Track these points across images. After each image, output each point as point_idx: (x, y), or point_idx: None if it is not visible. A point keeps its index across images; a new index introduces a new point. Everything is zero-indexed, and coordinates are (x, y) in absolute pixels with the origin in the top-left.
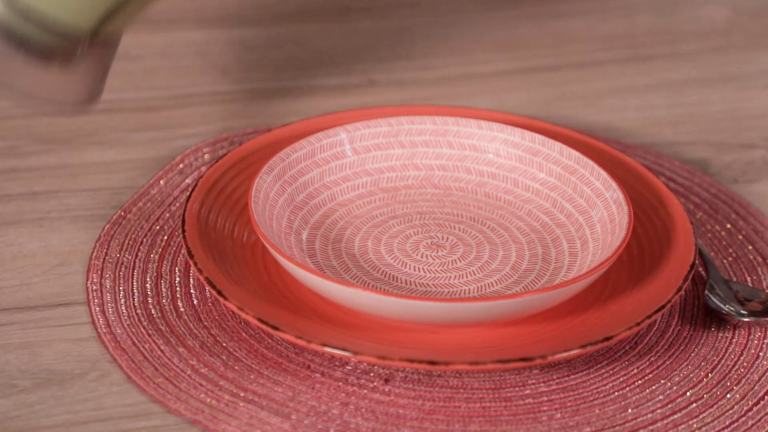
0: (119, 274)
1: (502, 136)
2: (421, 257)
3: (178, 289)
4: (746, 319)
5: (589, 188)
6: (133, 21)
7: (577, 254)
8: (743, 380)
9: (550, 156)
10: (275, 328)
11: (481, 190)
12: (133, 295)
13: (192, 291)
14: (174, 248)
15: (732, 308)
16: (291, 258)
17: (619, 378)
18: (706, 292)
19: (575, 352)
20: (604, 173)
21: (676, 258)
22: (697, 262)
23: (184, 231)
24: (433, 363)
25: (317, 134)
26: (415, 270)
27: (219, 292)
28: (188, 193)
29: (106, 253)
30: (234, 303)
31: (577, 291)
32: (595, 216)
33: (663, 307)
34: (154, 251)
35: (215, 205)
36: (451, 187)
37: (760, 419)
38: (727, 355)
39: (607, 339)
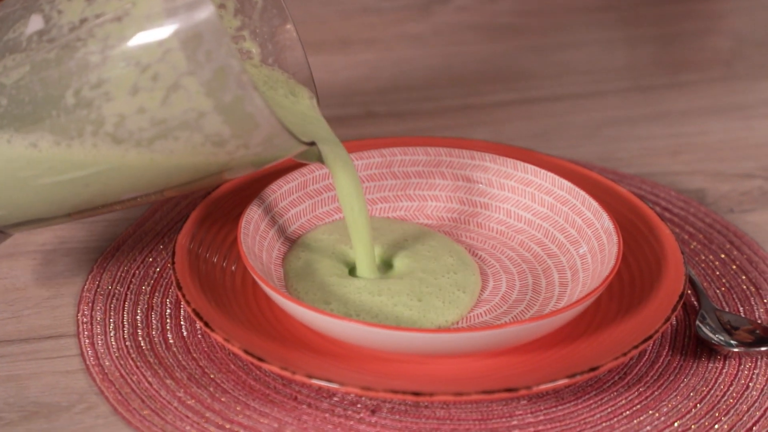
0: (110, 306)
1: (495, 166)
2: None
3: (168, 320)
4: (736, 350)
5: (580, 218)
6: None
7: (567, 284)
8: (732, 411)
9: (542, 186)
10: (261, 359)
11: (473, 221)
12: (124, 326)
13: (182, 323)
14: (166, 280)
15: (722, 339)
16: (277, 289)
17: (606, 409)
18: (697, 322)
19: (561, 382)
20: (595, 203)
21: (666, 288)
22: (689, 292)
23: (173, 263)
24: (417, 394)
25: (309, 166)
26: None
27: (206, 324)
28: (180, 225)
29: (98, 285)
30: (220, 334)
31: (564, 321)
32: (586, 246)
33: (650, 337)
34: (146, 283)
35: (207, 237)
36: (443, 217)
37: None
38: (716, 385)
39: (594, 369)
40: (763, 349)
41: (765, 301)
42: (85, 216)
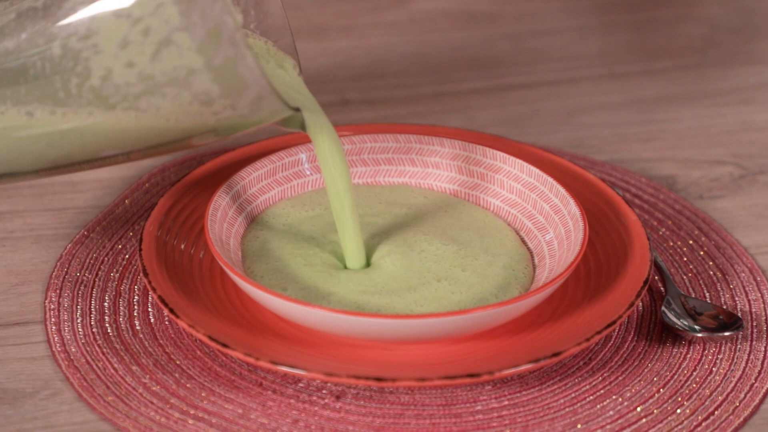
0: (78, 293)
1: (464, 153)
2: None
3: (136, 307)
4: (700, 335)
5: (547, 204)
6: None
7: (534, 270)
8: (695, 395)
9: (510, 173)
10: (225, 345)
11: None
12: (91, 313)
13: (150, 309)
14: (135, 267)
15: (686, 324)
16: (238, 273)
17: (570, 394)
18: (663, 307)
19: (523, 367)
20: (562, 189)
21: (632, 274)
22: (655, 277)
23: (140, 250)
24: (380, 379)
25: (278, 153)
26: None
27: (171, 310)
28: (150, 212)
29: (67, 272)
30: (185, 320)
31: (528, 308)
32: (553, 232)
33: (613, 323)
34: (114, 270)
35: (175, 224)
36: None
37: None
38: (680, 370)
39: (556, 355)
40: (726, 334)
41: (731, 286)
42: (52, 174)
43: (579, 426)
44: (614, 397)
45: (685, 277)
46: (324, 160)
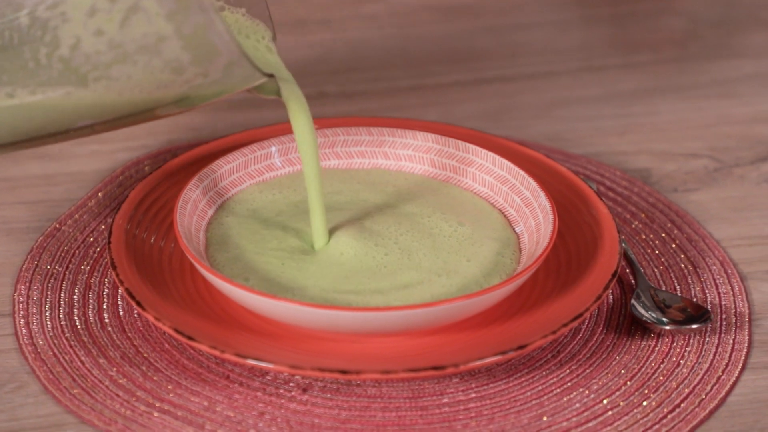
0: (48, 286)
1: (437, 146)
2: None
3: (105, 300)
4: (668, 328)
5: (519, 197)
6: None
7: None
8: (661, 388)
9: (483, 166)
10: (191, 338)
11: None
12: (60, 306)
13: (119, 302)
14: (105, 260)
15: (655, 317)
16: (203, 264)
17: (537, 386)
18: (632, 300)
19: (488, 360)
20: (533, 182)
21: (601, 267)
22: (627, 270)
23: (110, 243)
24: (344, 372)
25: (251, 146)
26: None
27: (138, 303)
28: (119, 205)
29: (37, 265)
30: (152, 313)
31: (494, 300)
32: (523, 224)
33: (580, 315)
34: (85, 263)
35: (146, 217)
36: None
37: (674, 426)
38: (648, 363)
39: (522, 347)
40: (693, 326)
41: (702, 279)
42: (17, 148)
43: (545, 418)
44: (581, 389)
45: (656, 269)
46: (295, 129)
